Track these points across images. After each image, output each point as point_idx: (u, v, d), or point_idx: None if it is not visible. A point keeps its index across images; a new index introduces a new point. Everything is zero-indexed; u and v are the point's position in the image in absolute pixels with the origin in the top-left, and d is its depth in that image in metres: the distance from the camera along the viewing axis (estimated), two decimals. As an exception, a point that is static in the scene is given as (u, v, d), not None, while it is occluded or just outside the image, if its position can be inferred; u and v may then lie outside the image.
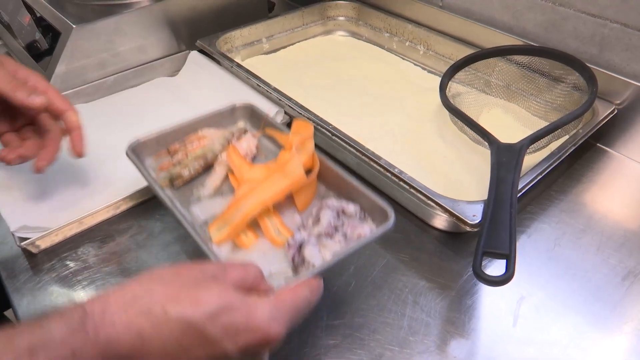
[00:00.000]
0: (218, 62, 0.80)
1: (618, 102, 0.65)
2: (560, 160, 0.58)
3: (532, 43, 0.71)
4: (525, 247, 0.54)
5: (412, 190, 0.53)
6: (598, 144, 0.68)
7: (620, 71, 0.65)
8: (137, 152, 0.52)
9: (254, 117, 0.59)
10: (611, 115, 0.65)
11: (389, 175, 0.55)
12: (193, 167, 0.52)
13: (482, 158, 0.63)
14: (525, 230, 0.56)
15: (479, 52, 0.70)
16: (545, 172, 0.55)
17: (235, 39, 0.85)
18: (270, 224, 0.46)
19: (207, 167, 0.54)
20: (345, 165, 0.63)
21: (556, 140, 0.61)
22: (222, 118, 0.58)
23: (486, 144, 0.58)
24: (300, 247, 0.42)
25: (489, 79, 0.74)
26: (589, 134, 0.62)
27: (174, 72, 0.84)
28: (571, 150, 0.59)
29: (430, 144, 0.67)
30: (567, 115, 0.57)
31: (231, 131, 0.56)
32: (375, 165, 0.56)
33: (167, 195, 0.48)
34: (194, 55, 0.82)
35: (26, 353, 0.27)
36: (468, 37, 0.78)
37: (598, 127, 0.63)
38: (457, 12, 0.79)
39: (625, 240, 0.55)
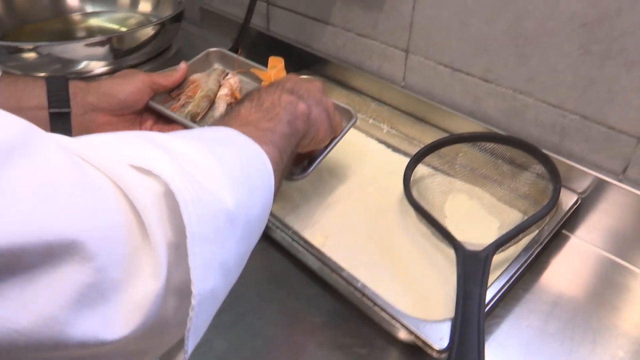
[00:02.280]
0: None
1: (580, 191, 0.65)
2: (527, 262, 0.56)
3: (494, 129, 0.70)
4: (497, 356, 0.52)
5: (375, 307, 0.50)
6: (563, 231, 0.67)
7: (581, 160, 0.65)
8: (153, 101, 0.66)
9: (225, 59, 0.77)
10: (575, 206, 0.64)
11: (352, 289, 0.52)
12: (203, 105, 0.69)
13: (446, 255, 0.61)
14: (496, 338, 0.54)
15: (439, 141, 0.69)
16: (512, 280, 0.54)
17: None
18: None
19: (212, 103, 0.71)
20: (308, 268, 0.60)
21: (523, 236, 0.60)
22: (200, 63, 0.75)
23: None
24: None
25: (454, 162, 0.73)
26: (555, 229, 0.61)
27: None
28: (537, 250, 0.58)
29: (394, 240, 0.64)
30: (532, 216, 0.56)
31: (217, 73, 0.74)
32: (337, 276, 0.53)
33: (191, 123, 0.65)
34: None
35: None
36: (430, 119, 0.78)
37: (564, 220, 0.63)
38: (419, 93, 0.78)
39: (595, 345, 0.53)
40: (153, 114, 0.67)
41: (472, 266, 0.51)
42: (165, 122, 0.68)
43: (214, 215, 0.28)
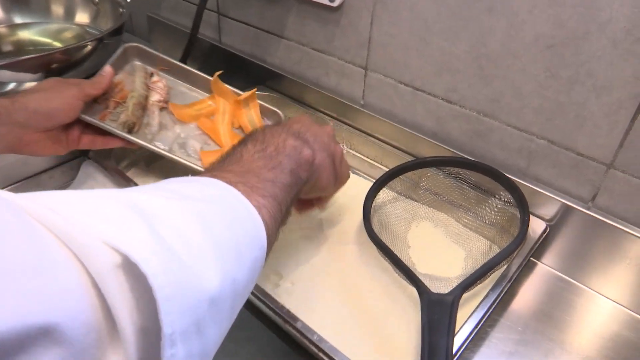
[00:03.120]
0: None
1: (548, 218, 0.62)
2: (496, 302, 0.52)
3: (459, 152, 0.66)
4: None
5: (333, 365, 0.45)
6: (530, 258, 0.64)
7: (549, 186, 0.61)
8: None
9: (143, 55, 0.73)
10: (544, 235, 0.61)
11: (307, 343, 0.47)
12: (138, 113, 0.66)
13: (410, 293, 0.56)
14: (464, 388, 0.50)
15: (401, 166, 0.64)
16: (481, 324, 0.50)
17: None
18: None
19: (144, 109, 0.68)
20: (268, 319, 0.54)
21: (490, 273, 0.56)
22: (119, 61, 0.70)
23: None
24: None
25: (417, 185, 0.69)
26: (525, 262, 0.58)
27: (66, 184, 0.73)
28: (507, 288, 0.54)
29: (355, 277, 0.60)
30: (500, 253, 0.52)
31: (141, 74, 0.70)
32: (291, 329, 0.48)
33: (134, 137, 0.63)
34: (87, 165, 0.72)
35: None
36: (392, 140, 0.73)
37: (533, 251, 0.59)
38: (379, 113, 0.74)
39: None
40: (80, 123, 0.62)
41: (437, 313, 0.47)
42: (94, 130, 0.62)
43: (196, 304, 0.26)
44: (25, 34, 0.80)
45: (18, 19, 0.81)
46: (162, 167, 0.75)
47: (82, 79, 0.63)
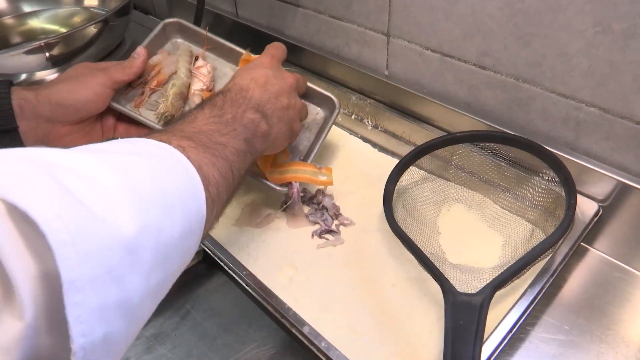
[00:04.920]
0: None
1: (601, 197, 0.53)
2: (535, 301, 0.46)
3: (495, 125, 0.58)
4: None
5: (343, 378, 0.40)
6: (581, 243, 0.56)
7: (603, 161, 0.53)
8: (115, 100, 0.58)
9: (185, 32, 0.66)
10: (596, 218, 0.53)
11: (315, 350, 0.42)
12: (178, 104, 0.59)
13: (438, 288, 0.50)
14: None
15: (428, 143, 0.57)
16: (515, 330, 0.43)
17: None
18: None
19: (185, 99, 0.61)
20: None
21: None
22: (157, 40, 0.63)
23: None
24: None
25: (449, 164, 0.61)
26: (571, 253, 0.50)
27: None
28: (548, 284, 0.47)
29: (375, 269, 0.54)
30: (538, 246, 0.45)
31: (184, 56, 0.62)
32: (298, 334, 0.44)
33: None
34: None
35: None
36: (420, 113, 0.66)
37: (582, 236, 0.52)
38: (405, 84, 0.66)
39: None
40: (115, 110, 0.59)
41: (464, 317, 0.41)
42: (130, 118, 0.59)
43: (105, 251, 0.25)
44: (35, 22, 0.78)
45: (27, 8, 0.78)
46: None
47: (111, 63, 0.59)
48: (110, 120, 0.59)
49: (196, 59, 0.65)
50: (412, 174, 0.61)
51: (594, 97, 0.50)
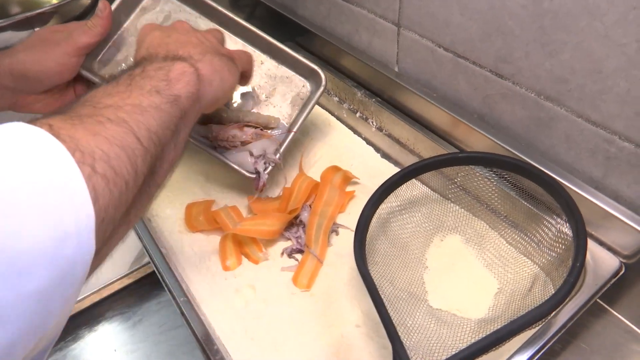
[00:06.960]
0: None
1: (627, 253, 0.43)
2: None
3: (504, 145, 0.48)
4: None
5: None
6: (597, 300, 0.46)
7: (635, 210, 0.42)
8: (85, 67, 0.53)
9: None
10: (614, 278, 0.42)
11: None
12: None
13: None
14: None
15: (424, 161, 0.48)
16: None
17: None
18: None
19: None
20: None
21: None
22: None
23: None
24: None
25: (452, 181, 0.52)
26: (581, 312, 0.41)
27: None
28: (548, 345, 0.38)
29: (344, 300, 0.47)
30: (516, 321, 0.35)
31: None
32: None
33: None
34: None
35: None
36: (428, 119, 0.57)
37: (596, 296, 0.42)
38: (415, 85, 0.57)
39: None
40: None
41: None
42: None
43: None
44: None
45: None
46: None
47: (76, 24, 0.52)
48: (83, 84, 0.54)
49: None
50: (402, 191, 0.52)
51: (630, 130, 0.40)
